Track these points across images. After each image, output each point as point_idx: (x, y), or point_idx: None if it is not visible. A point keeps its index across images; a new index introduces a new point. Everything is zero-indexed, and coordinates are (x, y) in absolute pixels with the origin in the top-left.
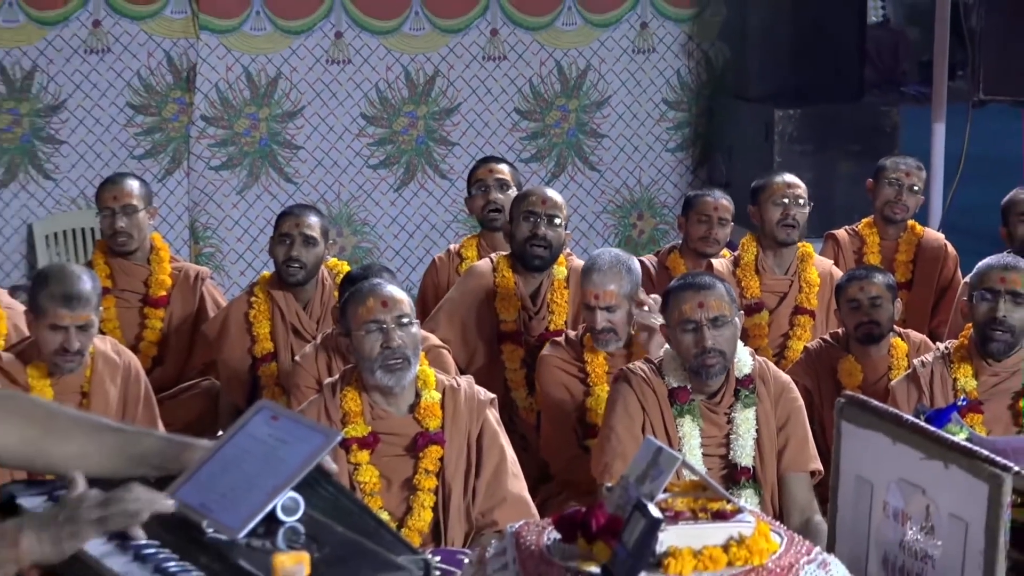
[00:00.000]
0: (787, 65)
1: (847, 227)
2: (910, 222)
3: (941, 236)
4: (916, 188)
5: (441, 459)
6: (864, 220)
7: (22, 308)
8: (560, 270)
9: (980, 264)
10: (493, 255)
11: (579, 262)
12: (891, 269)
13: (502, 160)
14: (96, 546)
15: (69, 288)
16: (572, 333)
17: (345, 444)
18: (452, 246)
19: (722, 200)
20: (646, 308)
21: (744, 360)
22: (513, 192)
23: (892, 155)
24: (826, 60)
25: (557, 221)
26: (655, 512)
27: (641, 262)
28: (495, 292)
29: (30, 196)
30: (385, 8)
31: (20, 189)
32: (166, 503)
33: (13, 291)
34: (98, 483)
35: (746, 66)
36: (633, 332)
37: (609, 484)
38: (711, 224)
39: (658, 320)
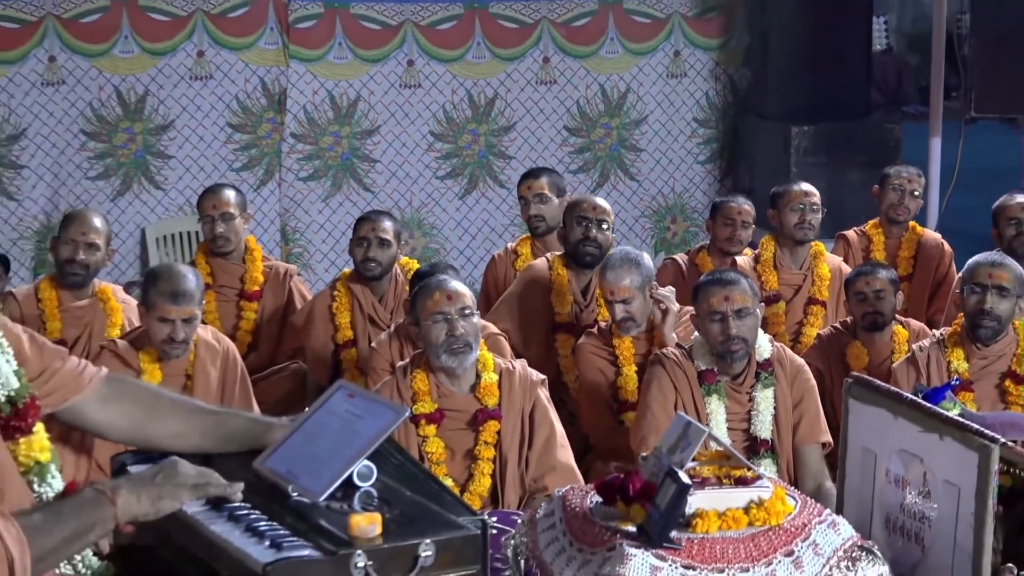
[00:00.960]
0: (802, 87)
1: (855, 228)
2: (911, 223)
3: (938, 236)
4: (917, 193)
5: (498, 432)
6: (871, 221)
7: (135, 302)
8: (598, 272)
9: (970, 261)
10: (549, 255)
11: None
12: (894, 264)
13: (540, 172)
14: (192, 507)
15: (176, 286)
16: (603, 323)
17: (414, 419)
18: (509, 244)
19: (745, 205)
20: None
21: (764, 346)
22: (553, 201)
23: (895, 164)
24: (837, 83)
25: (605, 226)
26: (685, 478)
27: (673, 260)
28: (550, 288)
29: (143, 204)
30: (451, 39)
31: (134, 198)
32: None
33: (128, 287)
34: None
35: (766, 89)
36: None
37: (644, 454)
38: (735, 226)
39: (673, 305)
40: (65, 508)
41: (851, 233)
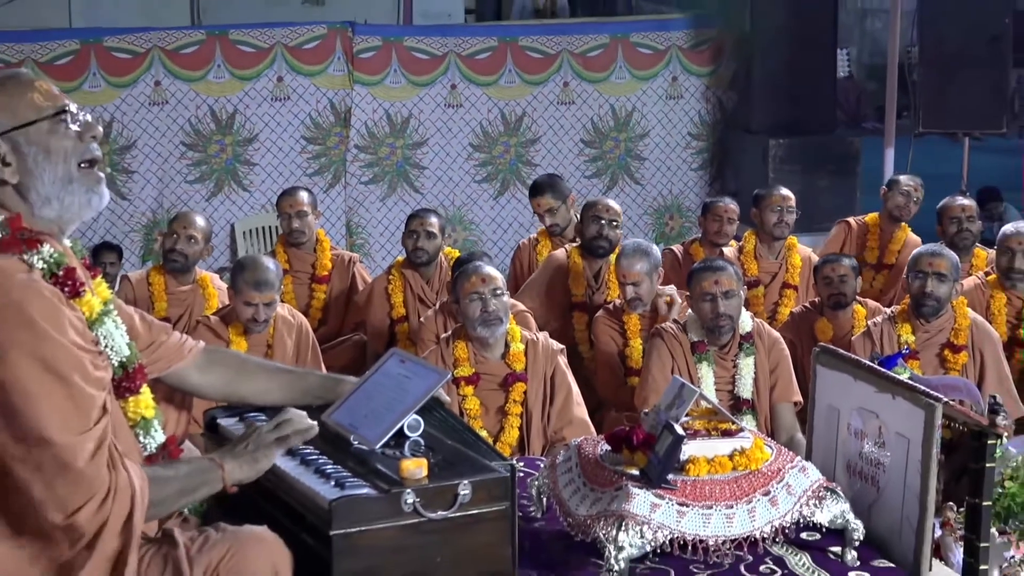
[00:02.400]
0: (779, 107)
1: (856, 218)
2: (903, 224)
3: (918, 239)
4: (917, 199)
5: (525, 392)
6: (870, 215)
7: (225, 286)
8: (615, 258)
9: (915, 252)
10: (567, 246)
11: None
12: (882, 253)
13: (544, 189)
14: None
15: (259, 276)
16: (617, 301)
17: (455, 381)
18: (531, 236)
19: (731, 205)
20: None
21: (746, 321)
22: (561, 209)
23: (902, 174)
24: (807, 104)
25: (615, 224)
26: (679, 431)
27: (671, 250)
28: (568, 273)
29: (232, 203)
30: (487, 67)
31: (225, 198)
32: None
33: (220, 272)
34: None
35: (749, 108)
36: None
37: (646, 410)
38: (722, 223)
39: (677, 299)
40: (183, 467)
41: (852, 221)
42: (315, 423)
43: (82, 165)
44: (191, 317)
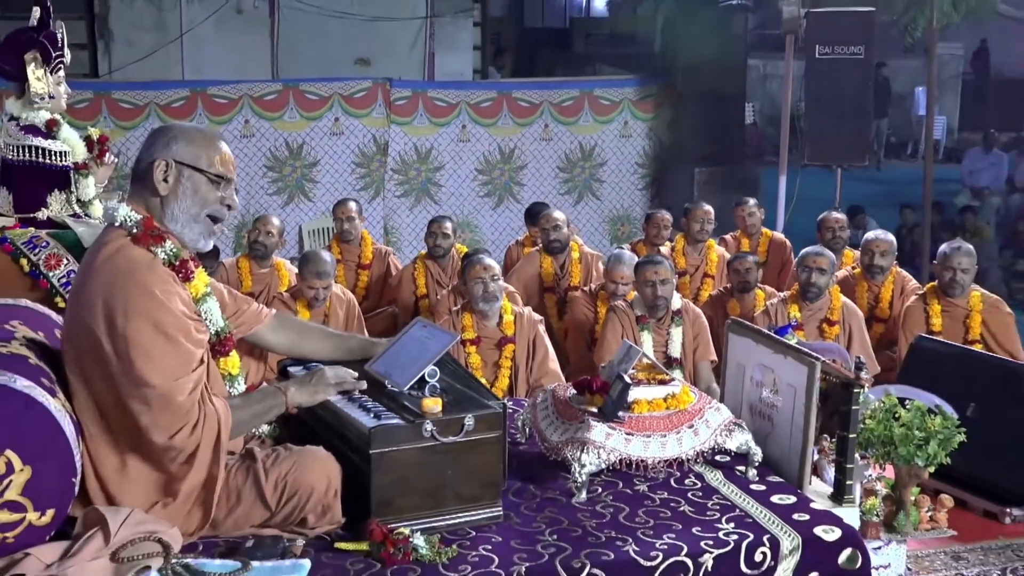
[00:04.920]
0: (702, 145)
1: (727, 234)
2: (764, 230)
3: (783, 236)
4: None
5: (514, 351)
6: (733, 233)
7: (295, 271)
8: (575, 253)
9: (802, 252)
10: (539, 247)
11: (588, 249)
12: (757, 253)
13: (544, 206)
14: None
15: (318, 268)
16: (594, 287)
17: (462, 342)
18: (519, 237)
19: (666, 216)
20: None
21: (676, 301)
22: (563, 232)
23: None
24: (722, 143)
25: (559, 228)
26: (627, 379)
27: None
28: (541, 265)
29: (300, 211)
30: (489, 112)
31: (295, 207)
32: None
33: (292, 260)
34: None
35: (680, 145)
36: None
37: (603, 365)
38: (660, 229)
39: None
40: (255, 396)
41: (728, 236)
42: (363, 381)
43: (209, 216)
44: (269, 293)
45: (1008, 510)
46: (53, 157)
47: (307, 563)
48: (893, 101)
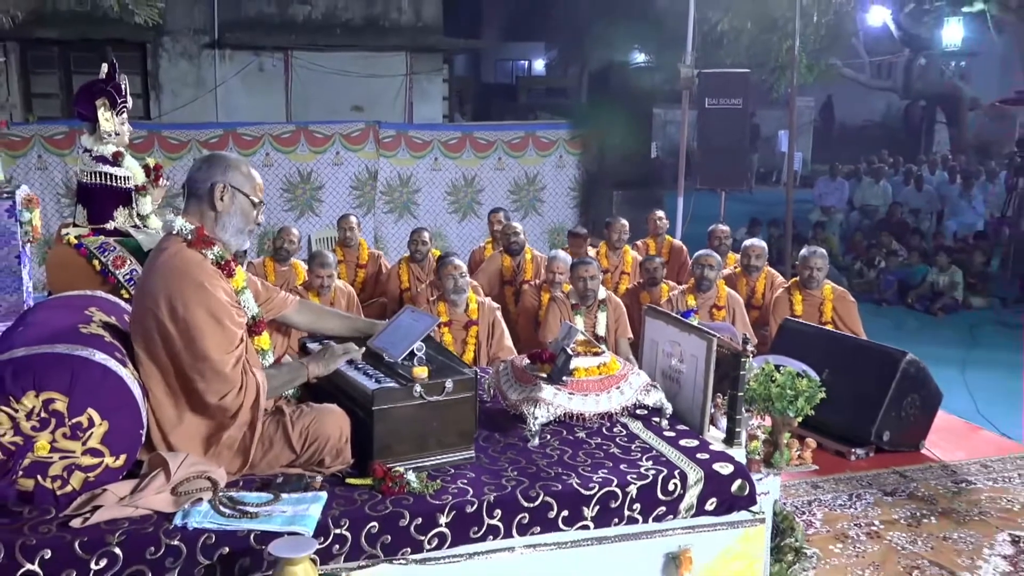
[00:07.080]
0: (619, 173)
1: (639, 241)
2: (668, 237)
3: (681, 243)
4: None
5: (477, 332)
6: (643, 240)
7: (306, 268)
8: (528, 255)
9: (696, 254)
10: (499, 250)
11: (538, 252)
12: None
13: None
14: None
15: (322, 260)
16: (538, 281)
17: (440, 325)
18: (480, 244)
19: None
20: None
21: (601, 293)
22: (520, 238)
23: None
24: (634, 172)
25: (516, 233)
26: (569, 351)
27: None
28: (502, 264)
29: (310, 224)
30: (455, 147)
31: (305, 221)
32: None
33: (304, 261)
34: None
35: (603, 174)
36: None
37: (549, 341)
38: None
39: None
40: (284, 368)
41: (639, 243)
42: (361, 350)
43: (249, 229)
44: (288, 286)
45: (853, 450)
46: (119, 181)
47: (324, 494)
48: (762, 141)
